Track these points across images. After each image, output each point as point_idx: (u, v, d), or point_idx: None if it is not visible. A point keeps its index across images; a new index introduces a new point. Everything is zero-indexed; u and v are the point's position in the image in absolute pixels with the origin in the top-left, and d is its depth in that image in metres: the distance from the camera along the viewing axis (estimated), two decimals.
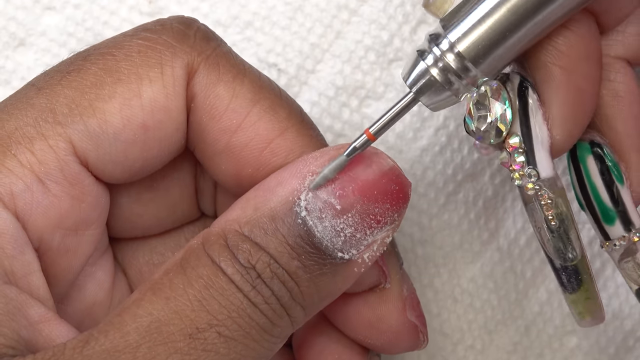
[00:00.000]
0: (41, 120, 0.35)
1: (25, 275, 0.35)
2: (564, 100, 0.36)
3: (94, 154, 0.36)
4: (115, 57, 0.36)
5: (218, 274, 0.33)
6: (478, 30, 0.34)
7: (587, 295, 0.37)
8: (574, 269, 0.37)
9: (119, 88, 0.36)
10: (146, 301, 0.33)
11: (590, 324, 0.38)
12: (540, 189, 0.36)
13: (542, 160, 0.36)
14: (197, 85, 0.36)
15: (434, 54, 0.35)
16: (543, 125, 0.36)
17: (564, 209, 0.37)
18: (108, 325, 0.32)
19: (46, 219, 0.35)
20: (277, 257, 0.34)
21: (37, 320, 0.34)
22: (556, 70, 0.36)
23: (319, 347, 0.39)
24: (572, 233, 0.37)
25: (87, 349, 0.32)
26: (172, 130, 0.36)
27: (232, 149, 0.37)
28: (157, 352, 0.32)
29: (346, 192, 0.34)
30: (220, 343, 0.33)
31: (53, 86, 0.36)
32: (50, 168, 0.35)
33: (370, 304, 0.38)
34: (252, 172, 0.37)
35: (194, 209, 0.41)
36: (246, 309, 0.33)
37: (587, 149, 0.38)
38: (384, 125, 0.35)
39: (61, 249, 0.36)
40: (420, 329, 0.39)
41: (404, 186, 0.36)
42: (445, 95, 0.35)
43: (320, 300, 0.35)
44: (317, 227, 0.34)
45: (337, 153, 0.35)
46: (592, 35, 0.36)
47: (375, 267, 0.38)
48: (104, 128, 0.35)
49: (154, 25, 0.37)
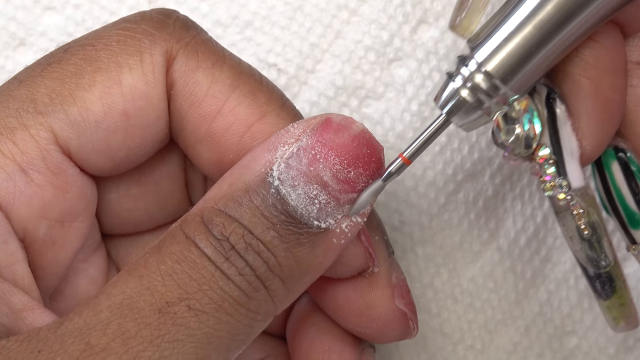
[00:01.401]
0: (22, 110, 0.35)
1: (8, 264, 0.35)
2: (592, 110, 0.36)
3: (76, 143, 0.36)
4: (95, 47, 0.36)
5: (190, 248, 0.33)
6: (505, 48, 0.34)
7: (621, 301, 0.37)
8: (608, 275, 0.37)
9: (98, 76, 0.36)
10: (121, 281, 0.33)
11: (625, 329, 0.38)
12: (572, 199, 0.37)
13: (573, 171, 0.37)
14: (176, 72, 0.37)
15: (462, 74, 0.35)
16: (572, 135, 0.37)
17: (596, 217, 0.37)
18: (83, 306, 0.33)
19: (30, 208, 0.35)
20: (252, 227, 0.34)
21: (20, 308, 0.34)
22: (584, 82, 0.36)
23: (310, 339, 0.39)
24: (605, 240, 0.37)
25: (60, 329, 0.32)
26: (153, 117, 0.37)
27: (212, 135, 0.37)
28: (126, 327, 0.32)
29: (317, 158, 0.34)
30: (190, 317, 0.32)
31: (34, 78, 0.36)
32: (32, 157, 0.35)
33: (359, 290, 0.38)
34: (233, 157, 0.37)
35: (185, 202, 0.41)
36: (218, 280, 0.33)
37: (611, 154, 0.38)
38: (418, 149, 0.36)
39: (47, 241, 0.36)
40: (410, 317, 0.38)
41: (376, 150, 0.35)
42: (477, 115, 0.35)
43: (301, 273, 0.35)
44: (291, 195, 0.34)
45: (311, 122, 0.35)
46: (618, 46, 0.36)
47: (362, 249, 0.37)
48: (85, 116, 0.36)
49: (135, 17, 0.37)
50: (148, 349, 0.32)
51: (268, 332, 0.42)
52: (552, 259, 0.47)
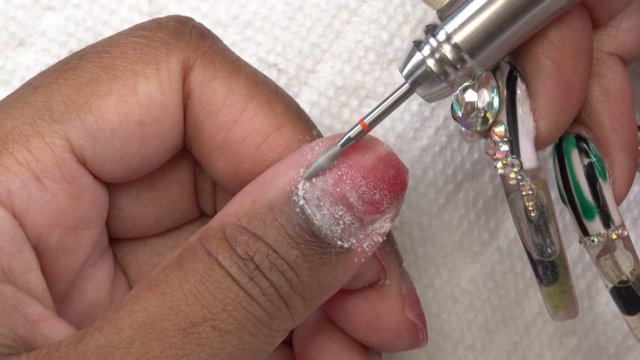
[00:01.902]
0: (38, 118, 0.35)
1: (23, 273, 0.34)
2: (551, 91, 0.36)
3: (91, 151, 0.36)
4: (111, 55, 0.36)
5: (214, 267, 0.33)
6: (475, 21, 0.34)
7: (562, 289, 0.37)
8: (551, 262, 0.37)
9: (114, 85, 0.36)
10: (142, 297, 0.33)
11: (564, 317, 0.38)
12: (522, 179, 0.36)
13: (526, 151, 0.37)
14: (193, 81, 0.36)
15: (430, 44, 0.35)
16: (529, 115, 0.36)
17: (545, 201, 0.37)
18: (104, 322, 0.32)
19: (44, 217, 0.35)
20: (276, 246, 0.34)
21: (35, 318, 0.34)
22: (546, 62, 0.36)
23: (319, 346, 0.39)
24: (552, 226, 0.37)
25: (81, 345, 0.32)
26: (168, 126, 0.36)
27: (229, 144, 0.37)
28: (150, 347, 0.32)
29: (344, 179, 0.34)
30: (214, 337, 0.32)
31: (49, 85, 0.36)
32: (47, 166, 0.35)
33: (369, 301, 0.38)
34: (249, 167, 0.37)
35: (194, 208, 0.41)
36: (242, 301, 0.33)
37: (572, 142, 0.38)
38: (378, 116, 0.35)
39: (60, 248, 0.36)
40: (419, 328, 0.39)
41: (402, 172, 0.36)
42: (441, 87, 0.35)
43: (321, 291, 0.35)
44: (316, 215, 0.34)
45: (333, 142, 0.35)
46: (585, 29, 0.36)
47: (375, 262, 0.38)
48: (100, 125, 0.35)
49: (150, 24, 0.37)
50: None
51: None
52: None
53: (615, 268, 0.38)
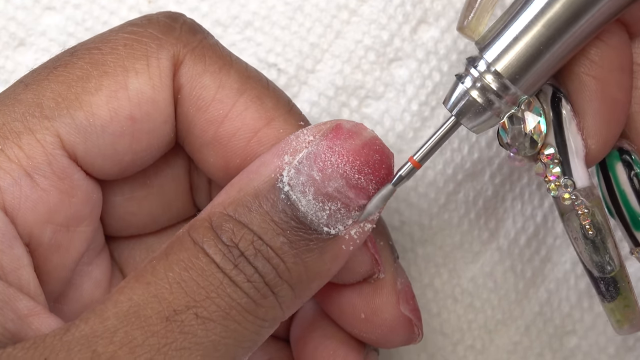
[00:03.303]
0: (28, 115, 0.35)
1: (14, 269, 0.35)
2: (598, 110, 0.36)
3: (82, 147, 0.36)
4: (102, 51, 0.36)
5: (199, 255, 0.33)
6: (514, 48, 0.35)
7: (625, 303, 0.37)
8: (612, 278, 0.37)
9: (105, 81, 0.36)
10: (128, 288, 0.33)
11: (629, 331, 0.38)
12: (576, 198, 0.37)
13: (578, 170, 0.37)
14: (183, 76, 0.36)
15: (472, 75, 0.35)
16: (577, 135, 0.36)
17: (601, 218, 0.37)
18: (90, 313, 0.33)
19: (35, 213, 0.35)
20: (261, 233, 0.33)
21: (26, 313, 0.34)
22: (589, 81, 0.36)
23: (315, 342, 0.39)
24: (610, 242, 0.37)
25: (67, 336, 0.32)
26: (160, 122, 0.37)
27: (219, 139, 0.37)
28: (133, 335, 0.32)
29: (328, 164, 0.34)
30: (197, 325, 0.32)
31: (40, 81, 0.36)
32: (38, 162, 0.35)
33: (364, 296, 0.38)
34: (240, 162, 0.37)
35: (190, 205, 0.41)
36: (226, 288, 0.33)
37: (616, 156, 0.38)
38: (428, 152, 0.36)
39: (52, 245, 0.36)
40: (414, 323, 0.39)
41: (387, 156, 0.35)
42: (487, 116, 0.35)
43: (309, 279, 0.35)
44: (301, 201, 0.34)
45: (320, 128, 0.35)
46: (624, 45, 0.36)
47: (368, 255, 0.37)
48: (91, 121, 0.35)
49: (141, 20, 0.37)
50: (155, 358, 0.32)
51: (272, 335, 0.42)
52: (552, 259, 0.47)
53: None
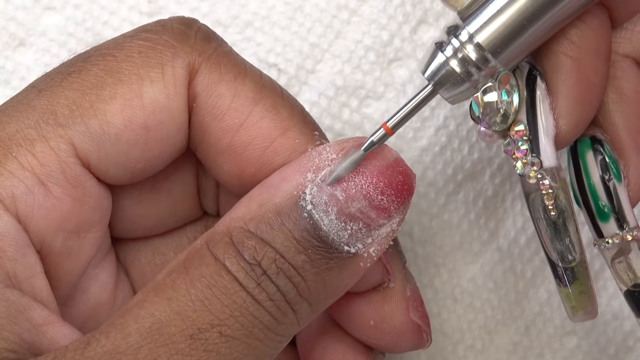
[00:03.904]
0: (42, 122, 0.35)
1: (27, 278, 0.34)
2: (572, 90, 0.36)
3: (95, 155, 0.36)
4: (116, 58, 0.36)
5: (221, 273, 0.33)
6: (497, 21, 0.34)
7: (581, 289, 0.37)
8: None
9: (119, 89, 0.35)
10: (148, 302, 0.33)
11: (583, 319, 0.38)
12: (542, 177, 0.36)
13: (546, 149, 0.36)
14: (199, 85, 0.36)
15: (452, 45, 0.35)
16: (549, 114, 0.36)
17: (565, 201, 0.37)
18: (110, 326, 0.32)
19: (48, 221, 0.35)
20: (284, 251, 0.34)
21: (40, 322, 0.33)
22: (566, 60, 0.36)
23: (322, 346, 0.39)
24: (571, 226, 0.37)
25: (88, 351, 0.32)
26: (173, 130, 0.36)
27: (234, 148, 0.37)
28: (158, 353, 0.32)
29: (351, 184, 0.34)
30: (221, 343, 0.32)
31: (54, 88, 0.36)
32: (51, 170, 0.35)
33: (373, 303, 0.38)
34: (254, 171, 0.36)
35: (196, 208, 0.41)
36: (249, 307, 0.33)
37: (587, 144, 0.38)
38: (401, 119, 0.35)
39: (63, 252, 0.36)
40: (423, 329, 0.39)
41: (409, 178, 0.35)
42: (464, 87, 0.35)
43: (327, 296, 0.35)
44: (324, 220, 0.34)
45: (343, 146, 0.35)
46: (604, 29, 0.36)
47: (379, 265, 0.38)
48: (105, 129, 0.35)
49: (155, 26, 0.37)
50: None
51: None
52: None
53: (629, 271, 0.37)
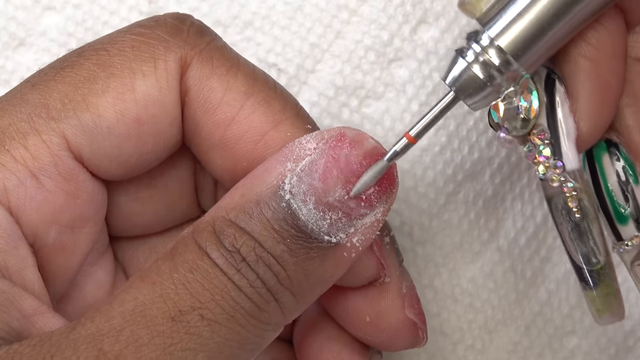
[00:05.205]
0: (35, 115, 0.35)
1: (19, 270, 0.35)
2: (591, 92, 0.36)
3: (88, 149, 0.36)
4: (109, 53, 0.36)
5: (203, 258, 0.33)
6: (518, 24, 0.34)
7: (607, 291, 0.37)
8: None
9: (112, 82, 0.36)
10: (134, 288, 0.33)
11: (610, 321, 0.38)
12: (565, 180, 0.36)
13: (568, 152, 0.36)
14: (191, 78, 0.36)
15: (473, 50, 0.35)
16: (569, 117, 0.36)
17: (587, 203, 0.37)
18: (95, 312, 0.33)
19: (40, 214, 0.35)
20: (262, 240, 0.34)
21: (30, 312, 0.34)
22: (585, 62, 0.36)
23: (319, 344, 0.39)
24: (595, 227, 0.37)
25: (73, 334, 0.32)
26: (166, 124, 0.37)
27: (226, 142, 0.37)
28: (139, 335, 0.32)
29: (329, 174, 0.34)
30: (203, 326, 0.32)
31: (47, 82, 0.36)
32: (44, 163, 0.35)
33: (369, 299, 0.38)
34: (247, 165, 0.37)
35: (194, 206, 0.41)
36: (230, 291, 0.33)
37: (603, 147, 0.38)
38: (424, 127, 0.35)
39: (57, 246, 0.36)
40: (419, 327, 0.39)
41: (390, 167, 0.35)
42: (487, 92, 0.35)
43: (310, 286, 0.35)
44: (302, 209, 0.34)
45: (323, 136, 0.35)
46: (621, 31, 0.36)
47: (374, 260, 0.38)
48: (97, 122, 0.35)
49: (148, 21, 0.37)
50: (161, 357, 0.32)
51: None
52: (552, 259, 0.47)
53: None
